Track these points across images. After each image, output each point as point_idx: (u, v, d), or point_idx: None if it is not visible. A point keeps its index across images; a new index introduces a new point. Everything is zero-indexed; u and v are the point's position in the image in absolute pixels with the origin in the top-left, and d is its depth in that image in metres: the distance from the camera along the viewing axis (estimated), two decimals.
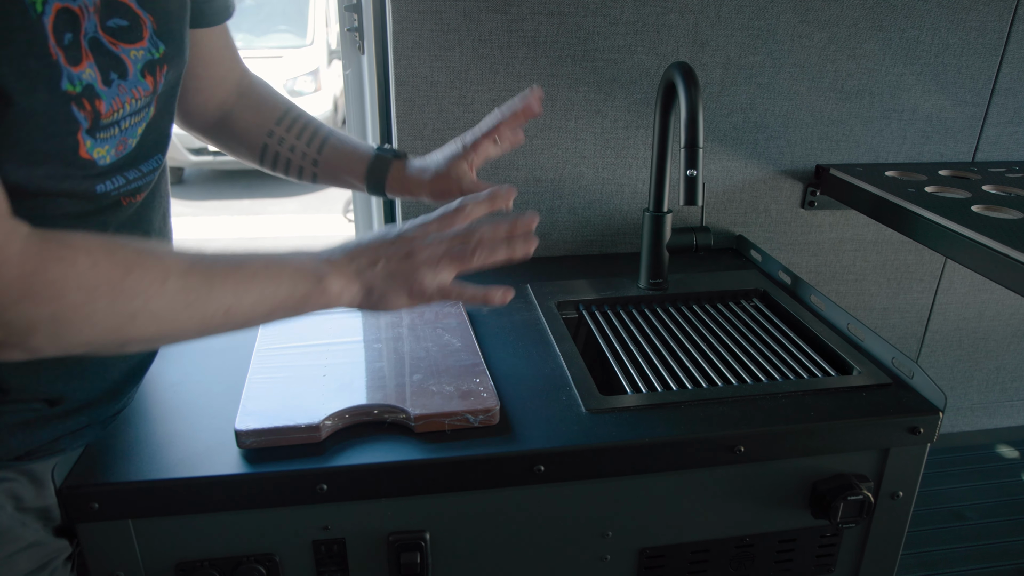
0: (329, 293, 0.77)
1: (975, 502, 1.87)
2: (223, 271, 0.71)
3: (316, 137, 1.07)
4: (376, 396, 0.92)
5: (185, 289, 0.67)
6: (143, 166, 0.79)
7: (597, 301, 1.27)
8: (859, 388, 1.00)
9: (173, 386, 0.99)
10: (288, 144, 1.06)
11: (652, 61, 1.37)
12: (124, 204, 0.78)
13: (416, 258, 0.80)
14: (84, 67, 0.68)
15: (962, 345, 1.80)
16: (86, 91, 0.68)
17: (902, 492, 0.99)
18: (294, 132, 1.06)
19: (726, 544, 0.99)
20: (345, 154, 1.08)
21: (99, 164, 0.72)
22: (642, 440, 0.89)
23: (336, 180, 1.10)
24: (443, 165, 1.05)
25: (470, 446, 0.87)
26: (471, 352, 1.03)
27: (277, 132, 1.05)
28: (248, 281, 0.72)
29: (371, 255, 0.80)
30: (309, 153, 1.07)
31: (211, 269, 0.70)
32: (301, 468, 0.83)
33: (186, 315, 0.68)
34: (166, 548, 0.86)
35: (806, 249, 1.61)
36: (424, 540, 0.90)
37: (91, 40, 0.69)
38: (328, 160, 1.07)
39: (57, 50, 0.65)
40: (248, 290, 0.72)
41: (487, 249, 0.82)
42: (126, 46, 0.73)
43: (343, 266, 0.78)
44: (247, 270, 0.72)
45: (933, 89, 1.51)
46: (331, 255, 0.79)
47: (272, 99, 1.08)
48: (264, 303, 0.73)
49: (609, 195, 1.47)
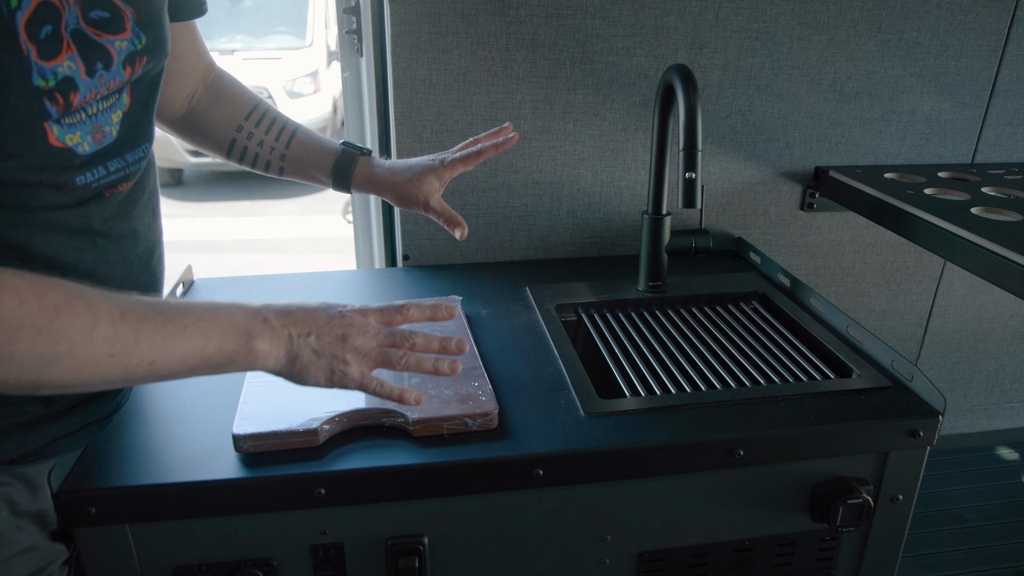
0: (256, 354, 0.76)
1: (975, 504, 1.87)
2: (154, 322, 0.69)
3: (284, 132, 1.09)
4: (374, 400, 0.92)
5: (112, 339, 0.66)
6: (128, 155, 0.79)
7: (596, 304, 1.26)
8: (858, 391, 0.99)
9: (170, 390, 0.99)
10: (256, 139, 1.08)
11: (651, 63, 1.37)
12: (107, 195, 0.78)
13: (348, 343, 0.79)
14: (63, 59, 0.68)
15: (961, 347, 1.80)
16: (61, 84, 0.69)
17: (902, 495, 0.99)
18: (263, 127, 1.08)
19: (725, 548, 0.99)
20: (312, 149, 1.10)
21: (78, 153, 0.72)
22: (641, 444, 0.89)
23: (302, 174, 1.12)
24: (416, 173, 1.07)
25: (468, 450, 0.87)
26: (469, 356, 1.03)
27: (246, 127, 1.07)
28: (178, 335, 0.70)
29: (306, 325, 0.78)
30: (277, 148, 1.09)
31: (142, 320, 0.69)
32: (299, 472, 0.83)
33: (109, 364, 0.67)
34: (164, 553, 0.86)
35: (805, 251, 1.60)
36: (422, 544, 0.89)
37: (73, 32, 0.70)
38: (295, 155, 1.09)
39: (29, 45, 0.65)
40: (176, 345, 0.70)
41: (415, 359, 0.82)
42: (111, 37, 0.74)
43: (276, 328, 0.77)
44: (178, 323, 0.71)
45: (932, 91, 1.51)
46: (267, 314, 0.77)
47: (240, 94, 1.09)
48: (190, 358, 0.72)
49: (608, 197, 1.47)
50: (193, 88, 1.05)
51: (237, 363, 0.75)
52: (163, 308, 0.71)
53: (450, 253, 1.45)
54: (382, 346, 0.81)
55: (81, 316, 0.64)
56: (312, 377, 0.79)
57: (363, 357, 0.80)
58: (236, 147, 1.08)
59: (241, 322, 0.75)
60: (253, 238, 4.66)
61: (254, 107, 1.09)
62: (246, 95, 1.10)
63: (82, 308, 0.65)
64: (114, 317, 0.66)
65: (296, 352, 0.78)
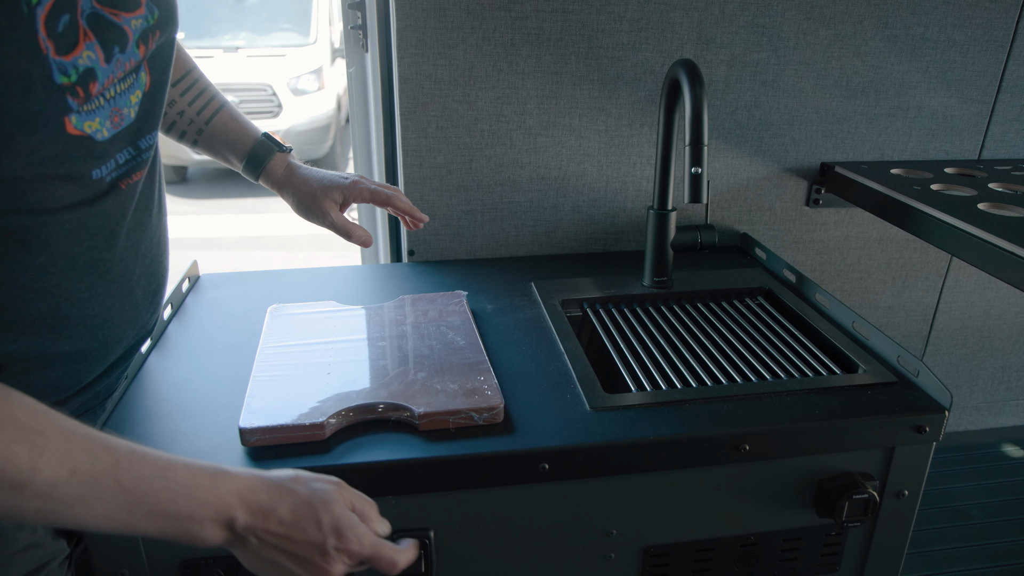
0: (200, 542, 0.64)
1: (981, 501, 1.87)
2: (105, 489, 0.58)
3: (208, 107, 1.08)
4: (380, 394, 0.92)
5: (44, 498, 0.56)
6: (140, 142, 0.79)
7: (601, 299, 1.26)
8: (864, 386, 0.99)
9: (177, 384, 0.99)
10: (178, 108, 1.06)
11: (656, 58, 1.37)
12: (123, 188, 0.78)
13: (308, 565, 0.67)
14: (81, 50, 0.67)
15: (967, 343, 1.79)
16: (83, 77, 0.67)
17: (907, 491, 0.99)
18: (188, 98, 1.06)
19: (730, 543, 0.99)
20: (232, 131, 1.09)
21: (96, 140, 0.71)
22: (646, 438, 0.89)
23: (215, 153, 1.11)
24: (324, 186, 1.08)
25: (474, 444, 0.87)
26: (475, 350, 1.03)
27: (171, 93, 1.02)
28: (123, 510, 0.60)
29: (276, 538, 0.65)
30: (196, 122, 1.07)
31: (92, 483, 0.58)
32: (305, 466, 0.83)
33: (29, 517, 0.57)
34: (171, 547, 0.86)
35: (811, 247, 1.60)
36: (428, 538, 0.89)
37: (89, 16, 0.68)
38: (214, 132, 1.08)
39: (47, 43, 0.64)
40: (115, 517, 0.60)
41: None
42: (126, 15, 0.72)
43: (237, 532, 0.64)
44: (133, 498, 0.60)
45: (939, 86, 1.50)
46: (236, 514, 0.64)
47: (175, 59, 1.06)
48: (125, 529, 0.61)
49: (613, 193, 1.46)
50: None
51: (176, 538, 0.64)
52: (124, 475, 0.59)
53: (455, 248, 1.45)
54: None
55: (14, 468, 0.54)
56: (252, 569, 0.69)
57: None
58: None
59: (202, 516, 0.63)
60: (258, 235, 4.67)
61: (185, 75, 1.06)
62: (181, 61, 1.06)
63: (22, 457, 0.54)
64: (57, 479, 0.56)
65: (246, 552, 0.67)
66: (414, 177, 1.38)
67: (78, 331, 0.78)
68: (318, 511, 0.66)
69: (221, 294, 1.25)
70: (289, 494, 0.66)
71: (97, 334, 0.81)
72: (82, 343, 0.79)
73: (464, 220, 1.43)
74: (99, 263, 0.77)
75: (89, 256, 0.76)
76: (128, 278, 0.83)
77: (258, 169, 1.10)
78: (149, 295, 0.89)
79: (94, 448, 0.59)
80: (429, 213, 1.41)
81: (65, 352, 0.77)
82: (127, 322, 0.85)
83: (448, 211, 1.42)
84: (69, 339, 0.77)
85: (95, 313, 0.79)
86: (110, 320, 0.82)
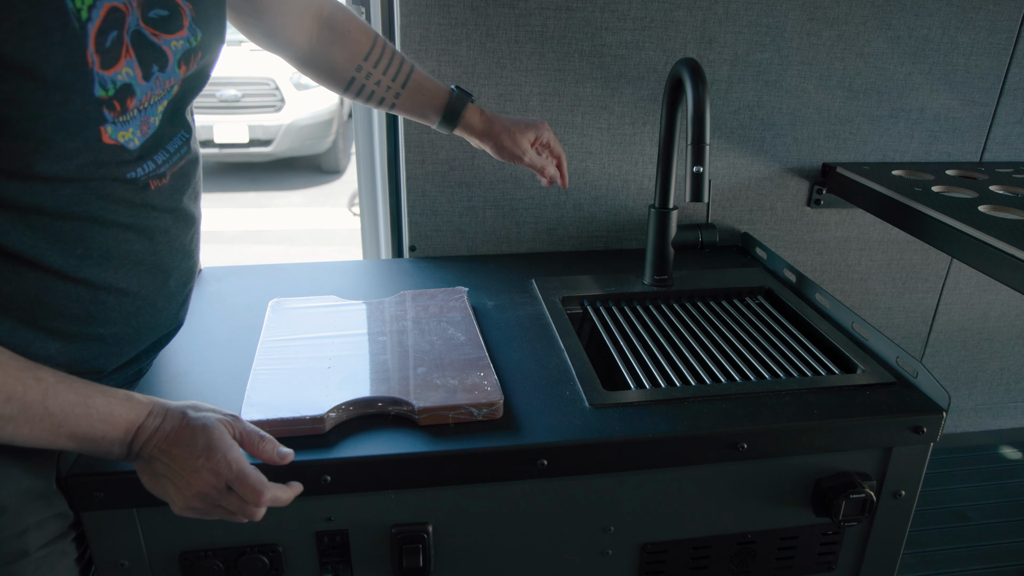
0: (107, 455, 0.75)
1: (978, 503, 1.87)
2: (33, 416, 0.68)
3: (401, 72, 1.13)
4: (380, 389, 0.93)
5: None
6: (169, 145, 0.82)
7: (602, 297, 1.27)
8: (863, 387, 1.00)
9: (177, 377, 0.99)
10: (375, 78, 1.12)
11: (659, 57, 1.37)
12: (155, 187, 0.81)
13: (192, 489, 0.74)
14: (121, 66, 0.70)
15: (967, 345, 1.79)
16: (120, 92, 0.71)
17: (904, 491, 0.99)
18: (381, 67, 1.11)
19: (728, 540, 0.99)
20: (427, 88, 1.14)
21: (128, 148, 0.74)
22: (645, 435, 0.89)
23: (410, 112, 1.17)
24: (519, 128, 1.16)
25: (473, 439, 0.88)
26: (475, 346, 1.03)
27: (365, 67, 1.11)
28: (52, 431, 0.70)
29: (170, 459, 0.74)
30: (393, 87, 1.13)
31: (24, 409, 0.68)
32: (305, 459, 0.84)
33: None
34: (170, 537, 0.87)
35: (811, 247, 1.60)
36: (427, 532, 0.90)
37: (133, 34, 0.71)
38: (411, 93, 1.14)
39: (94, 57, 0.67)
40: (40, 437, 0.70)
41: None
42: (167, 36, 0.75)
43: (143, 456, 0.74)
44: (54, 421, 0.69)
45: (942, 88, 1.50)
46: (143, 441, 0.74)
47: (359, 31, 1.11)
48: (50, 445, 0.71)
49: (615, 191, 1.47)
50: (309, 28, 1.08)
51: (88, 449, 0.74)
52: (51, 402, 0.69)
53: (456, 244, 1.46)
54: (211, 501, 0.75)
55: None
56: (145, 484, 0.77)
57: (191, 510, 0.76)
58: (355, 84, 1.12)
59: (113, 438, 0.73)
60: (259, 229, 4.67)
61: (372, 45, 1.12)
62: (365, 32, 1.12)
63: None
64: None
65: (142, 468, 0.76)
66: (416, 173, 1.38)
67: (112, 317, 0.81)
68: (196, 433, 0.74)
69: (222, 288, 1.25)
70: (179, 418, 0.75)
71: (130, 321, 0.83)
72: (115, 328, 0.82)
73: (466, 216, 1.43)
74: (133, 255, 0.80)
75: (123, 248, 0.79)
76: (162, 270, 0.85)
77: (455, 120, 1.15)
78: (181, 286, 0.91)
79: (27, 378, 0.68)
80: (430, 209, 1.41)
81: (99, 335, 0.80)
82: (160, 311, 0.88)
83: (450, 207, 1.42)
84: (104, 324, 0.80)
85: (128, 301, 0.82)
86: (143, 309, 0.85)
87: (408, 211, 1.41)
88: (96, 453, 0.74)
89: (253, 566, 0.88)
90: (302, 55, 1.10)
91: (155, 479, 0.75)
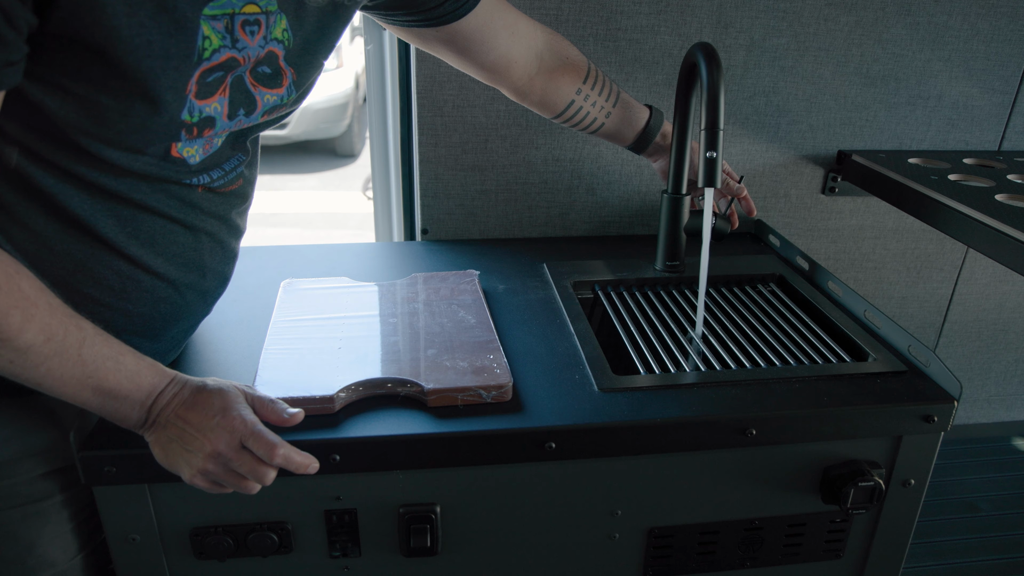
0: (123, 422, 0.77)
1: (989, 494, 1.86)
2: (67, 360, 0.71)
3: (613, 90, 1.14)
4: (390, 370, 0.93)
5: (23, 352, 0.68)
6: (225, 165, 0.86)
7: (613, 282, 1.26)
8: (874, 375, 0.99)
9: (189, 356, 1.00)
10: (592, 100, 1.12)
11: (675, 42, 1.36)
12: (209, 192, 0.86)
13: (200, 456, 0.76)
14: (213, 101, 0.76)
15: (981, 336, 1.78)
16: (203, 121, 0.76)
17: (914, 480, 0.99)
18: (598, 88, 1.12)
19: (735, 526, 0.99)
20: (631, 106, 1.15)
21: (189, 163, 0.80)
22: (653, 420, 0.90)
23: (614, 131, 1.17)
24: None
25: (482, 421, 0.88)
26: (486, 329, 1.04)
27: (584, 89, 1.13)
28: (80, 380, 0.72)
29: (183, 426, 0.76)
30: (606, 107, 1.13)
31: (61, 352, 0.70)
32: (315, 438, 0.84)
33: (6, 361, 0.68)
34: (181, 513, 0.88)
35: (825, 235, 1.59)
36: (435, 513, 0.91)
37: (235, 79, 0.77)
38: (619, 112, 1.15)
39: (194, 86, 0.73)
40: (68, 384, 0.72)
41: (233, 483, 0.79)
42: (264, 90, 0.82)
43: (159, 422, 0.77)
44: (88, 369, 0.72)
45: (961, 76, 1.48)
46: (161, 406, 0.77)
47: (575, 54, 1.12)
48: (74, 398, 0.74)
49: (628, 176, 1.46)
50: (523, 61, 1.08)
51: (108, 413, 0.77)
52: (87, 351, 0.72)
53: (468, 228, 1.46)
54: (219, 473, 0.77)
55: (6, 325, 0.66)
56: (156, 456, 0.78)
57: (198, 467, 0.77)
58: (571, 108, 1.12)
59: (135, 399, 0.76)
60: (273, 212, 4.68)
61: (588, 67, 1.12)
62: (579, 54, 1.13)
63: (15, 319, 0.66)
64: (35, 341, 0.68)
65: (155, 437, 0.78)
66: (429, 156, 1.38)
67: (144, 297, 0.84)
68: (212, 395, 0.77)
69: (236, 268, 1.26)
70: (198, 386, 0.78)
71: (159, 306, 0.86)
72: (143, 308, 0.85)
73: (478, 200, 1.43)
74: (176, 246, 0.85)
75: (168, 238, 0.83)
76: (200, 266, 0.89)
77: (649, 140, 1.15)
78: (214, 287, 0.94)
79: (70, 324, 0.71)
80: (443, 192, 1.41)
81: (127, 311, 0.84)
82: (189, 304, 0.90)
83: (462, 191, 1.42)
84: (134, 302, 0.84)
85: (162, 286, 0.85)
86: (173, 298, 0.87)
87: (421, 194, 1.42)
88: (115, 415, 0.76)
89: (262, 543, 0.90)
90: (520, 86, 1.11)
91: (167, 449, 0.77)
